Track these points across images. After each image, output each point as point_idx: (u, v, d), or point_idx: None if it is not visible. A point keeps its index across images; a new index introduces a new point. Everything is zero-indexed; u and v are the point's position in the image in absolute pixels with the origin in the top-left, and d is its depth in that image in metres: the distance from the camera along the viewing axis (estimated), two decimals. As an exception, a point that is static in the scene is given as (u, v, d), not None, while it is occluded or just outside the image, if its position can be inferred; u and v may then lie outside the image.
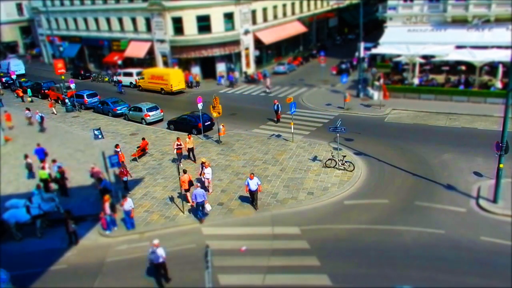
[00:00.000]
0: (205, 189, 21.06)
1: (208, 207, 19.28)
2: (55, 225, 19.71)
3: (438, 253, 16.00)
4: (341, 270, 15.42)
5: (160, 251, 14.90)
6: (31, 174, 24.73)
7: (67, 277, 16.27)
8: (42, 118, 33.48)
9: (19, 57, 68.94)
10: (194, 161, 25.59)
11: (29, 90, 44.24)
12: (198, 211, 19.24)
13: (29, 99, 43.07)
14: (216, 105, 27.47)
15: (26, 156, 25.09)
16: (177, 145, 25.03)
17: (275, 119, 32.80)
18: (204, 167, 21.54)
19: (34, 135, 32.27)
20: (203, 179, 21.80)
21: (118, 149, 23.97)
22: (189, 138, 25.57)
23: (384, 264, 15.65)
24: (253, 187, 19.66)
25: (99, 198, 21.36)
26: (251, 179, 19.58)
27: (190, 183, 20.76)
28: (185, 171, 20.70)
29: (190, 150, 25.65)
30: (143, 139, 27.80)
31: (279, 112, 32.75)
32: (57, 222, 19.56)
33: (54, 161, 23.77)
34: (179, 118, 32.32)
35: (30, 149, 26.83)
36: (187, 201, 20.54)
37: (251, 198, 20.21)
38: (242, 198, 20.98)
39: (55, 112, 38.39)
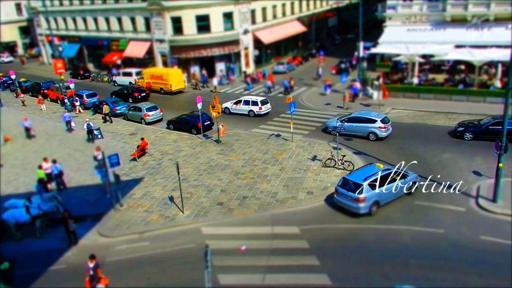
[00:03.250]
0: None
1: None
2: (54, 225, 19.70)
3: (438, 252, 16.01)
4: (340, 270, 15.43)
5: None
6: None
7: (67, 277, 16.25)
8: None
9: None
10: None
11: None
12: None
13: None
14: (215, 104, 27.48)
15: None
16: None
17: None
18: None
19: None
20: None
21: None
22: None
23: (384, 263, 15.65)
24: None
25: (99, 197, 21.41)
26: None
27: None
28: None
29: None
30: (142, 139, 27.77)
31: None
32: (57, 222, 19.56)
33: (54, 161, 23.75)
34: (178, 117, 32.32)
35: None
36: None
37: None
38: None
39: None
